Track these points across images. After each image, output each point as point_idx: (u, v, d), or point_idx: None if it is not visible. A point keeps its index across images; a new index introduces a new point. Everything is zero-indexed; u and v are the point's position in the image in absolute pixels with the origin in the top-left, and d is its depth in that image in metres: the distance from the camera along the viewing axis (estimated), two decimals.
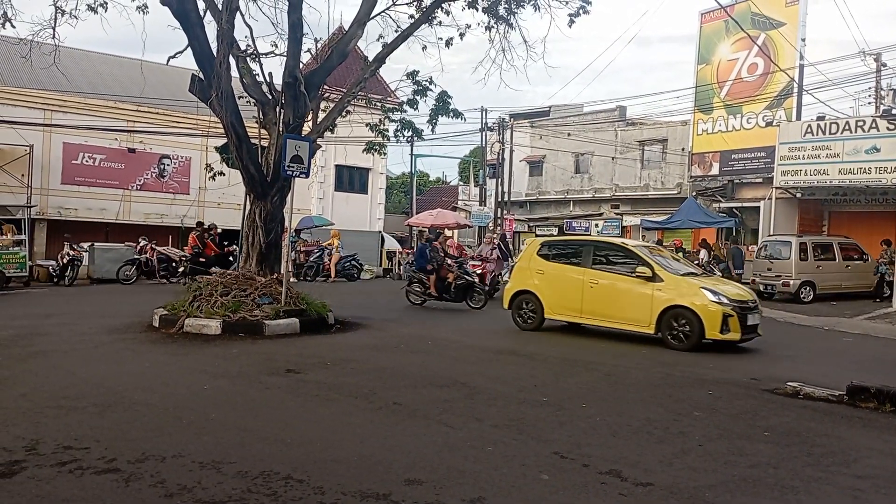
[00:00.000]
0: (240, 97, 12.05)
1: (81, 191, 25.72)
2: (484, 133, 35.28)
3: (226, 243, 21.49)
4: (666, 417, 6.18)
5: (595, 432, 5.67)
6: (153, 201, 27.24)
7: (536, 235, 37.78)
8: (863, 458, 5.16)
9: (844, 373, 8.01)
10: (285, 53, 11.52)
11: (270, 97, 11.76)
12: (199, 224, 21.25)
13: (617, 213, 34.04)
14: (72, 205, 25.74)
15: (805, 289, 18.26)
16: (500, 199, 34.06)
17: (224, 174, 13.16)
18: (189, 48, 10.44)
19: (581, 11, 12.60)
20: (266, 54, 11.97)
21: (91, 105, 25.59)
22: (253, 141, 11.70)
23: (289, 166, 10.71)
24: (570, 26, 12.68)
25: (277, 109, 11.66)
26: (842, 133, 20.90)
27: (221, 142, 13.20)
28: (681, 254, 22.01)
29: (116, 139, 26.28)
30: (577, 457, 4.99)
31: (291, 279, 19.84)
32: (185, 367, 8.06)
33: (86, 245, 21.10)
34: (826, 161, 21.18)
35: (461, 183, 49.48)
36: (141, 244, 20.29)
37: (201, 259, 19.80)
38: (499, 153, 34.56)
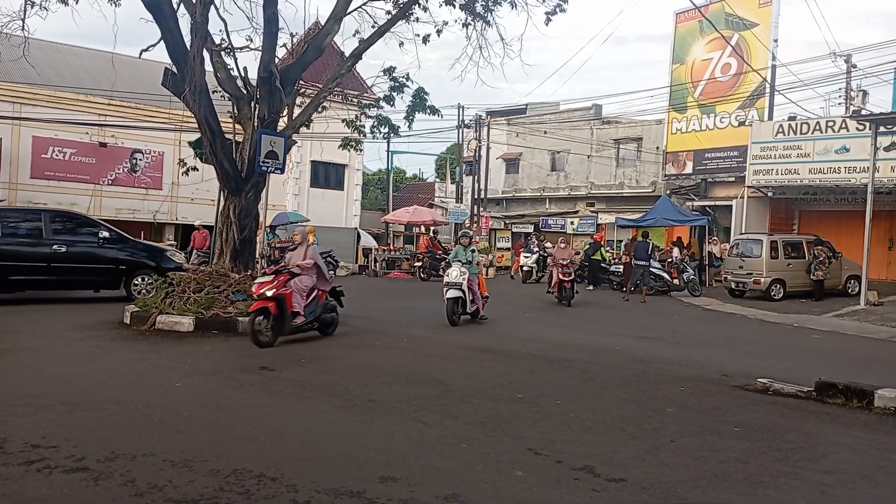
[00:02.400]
0: (214, 91, 11.91)
1: (51, 185, 25.27)
2: (461, 130, 35.29)
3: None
4: (639, 414, 6.24)
5: (569, 429, 5.70)
6: (125, 196, 26.85)
7: (513, 233, 37.99)
8: (830, 453, 5.25)
9: (813, 369, 8.15)
10: (260, 48, 11.42)
11: (245, 92, 11.64)
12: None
13: (592, 211, 34.28)
14: (41, 199, 25.24)
15: (775, 286, 18.54)
16: (476, 197, 34.10)
17: (198, 169, 13.02)
18: (162, 41, 10.29)
19: (558, 10, 12.67)
20: (241, 48, 11.85)
21: (61, 98, 25.15)
22: (227, 136, 11.58)
23: (263, 162, 10.63)
24: (546, 24, 12.77)
25: (252, 104, 11.56)
26: (812, 133, 21.26)
27: (195, 136, 13.06)
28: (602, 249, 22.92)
29: (87, 133, 25.85)
30: (550, 453, 5.02)
31: None
32: (156, 364, 7.97)
33: None
34: (797, 161, 21.53)
35: (438, 180, 49.46)
36: None
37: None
38: (475, 150, 34.59)
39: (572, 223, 34.43)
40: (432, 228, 29.31)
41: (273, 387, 6.95)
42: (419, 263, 24.01)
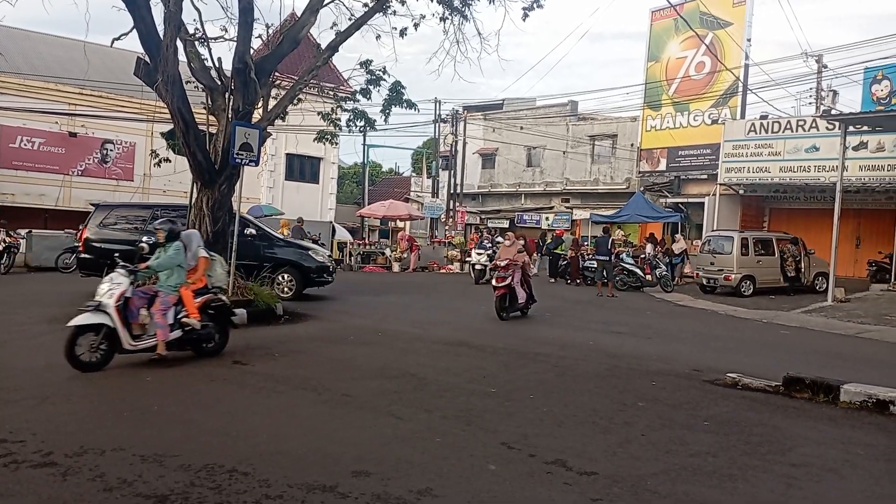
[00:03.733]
0: (187, 82, 11.73)
1: (20, 175, 24.80)
2: (437, 124, 35.25)
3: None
4: (611, 408, 6.31)
5: (542, 423, 5.74)
6: (95, 187, 26.42)
7: (488, 228, 38.07)
8: (797, 446, 5.35)
9: (781, 364, 8.29)
10: (235, 39, 11.27)
11: (219, 83, 11.49)
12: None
13: (567, 207, 34.47)
14: (9, 190, 24.78)
15: (745, 283, 18.81)
16: (452, 192, 34.12)
17: (170, 161, 12.82)
18: (134, 30, 10.11)
19: (535, 5, 12.68)
20: (215, 39, 11.68)
21: (31, 87, 24.66)
22: (201, 127, 11.43)
23: (237, 154, 10.51)
24: (523, 20, 12.77)
25: (227, 96, 11.41)
26: (783, 132, 21.58)
27: (167, 127, 12.86)
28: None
29: (57, 123, 25.40)
30: (523, 447, 5.05)
31: None
32: (126, 358, 7.85)
33: (23, 232, 20.34)
34: (768, 159, 21.85)
35: (414, 174, 49.36)
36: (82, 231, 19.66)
37: None
38: (452, 145, 34.58)
39: (547, 218, 34.60)
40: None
41: (245, 381, 6.90)
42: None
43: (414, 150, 52.73)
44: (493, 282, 12.38)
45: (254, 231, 13.71)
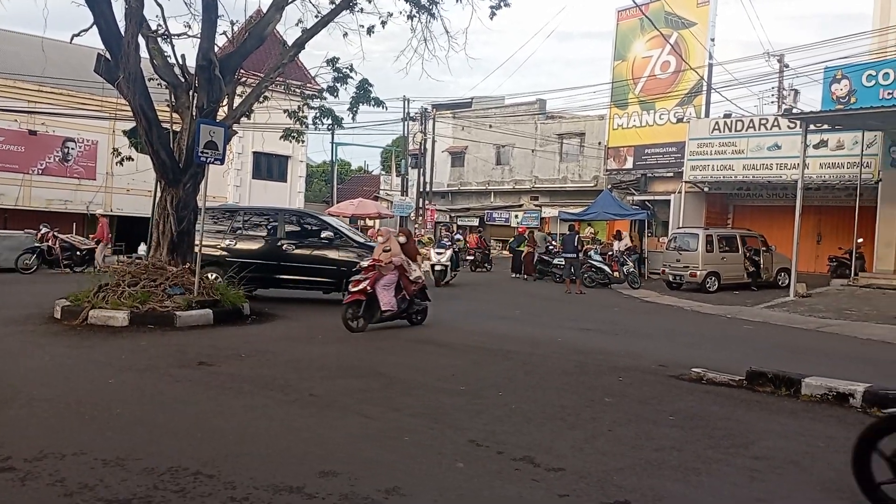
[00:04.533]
0: (150, 79, 11.55)
1: None
2: (406, 123, 35.20)
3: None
4: (578, 404, 6.35)
5: (510, 420, 5.76)
6: (56, 187, 25.86)
7: (458, 226, 38.12)
8: (760, 439, 5.44)
9: (745, 358, 8.42)
10: (199, 35, 11.11)
11: (183, 80, 11.33)
12: None
13: (536, 205, 34.70)
14: None
15: (710, 279, 19.12)
16: (421, 190, 34.09)
17: (133, 159, 12.61)
18: (95, 26, 9.91)
19: (502, 4, 12.72)
20: (179, 35, 11.52)
21: None
22: (165, 125, 11.26)
23: (202, 152, 10.37)
24: (491, 18, 12.81)
25: (191, 93, 11.26)
26: (746, 130, 21.99)
27: (130, 125, 12.65)
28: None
29: (16, 120, 24.77)
30: (492, 444, 5.06)
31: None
32: (88, 360, 7.71)
33: None
34: (732, 157, 22.25)
35: (384, 172, 49.22)
36: (42, 231, 19.24)
37: None
38: (421, 143, 34.56)
39: (517, 216, 34.79)
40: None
41: (211, 382, 6.81)
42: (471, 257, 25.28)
43: (383, 149, 52.65)
44: (353, 285, 10.29)
45: (331, 234, 13.15)
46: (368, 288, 10.04)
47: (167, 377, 6.95)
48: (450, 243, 20.81)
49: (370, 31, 12.92)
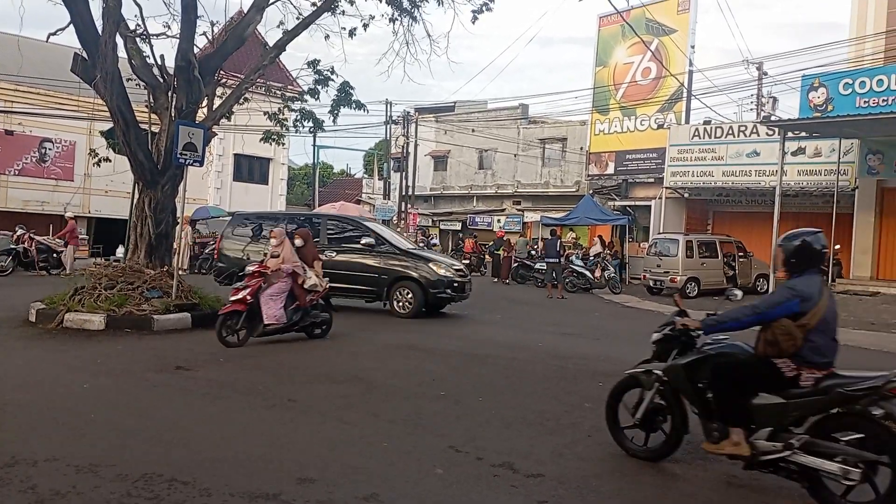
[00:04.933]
0: (129, 80, 11.43)
1: None
2: (388, 126, 35.14)
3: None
4: (558, 409, 6.35)
5: (490, 425, 5.75)
6: (33, 188, 25.53)
7: (441, 230, 38.12)
8: None
9: None
10: (178, 36, 11.01)
11: (162, 81, 11.21)
12: None
13: (518, 209, 34.78)
14: None
15: (690, 284, 19.26)
16: (404, 193, 34.04)
17: (110, 160, 12.45)
18: (71, 25, 9.78)
19: (484, 8, 12.76)
20: (157, 35, 11.41)
21: None
22: (143, 126, 11.14)
23: (181, 154, 10.26)
24: (473, 22, 12.84)
25: (170, 94, 11.15)
26: (726, 137, 22.20)
27: (108, 125, 12.50)
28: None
29: None
30: (471, 450, 5.04)
31: (182, 272, 19.13)
32: (63, 364, 7.59)
33: None
34: (711, 163, 22.44)
35: (366, 176, 49.11)
36: (18, 233, 18.94)
37: None
38: (403, 147, 34.51)
39: (499, 221, 34.85)
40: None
41: (188, 387, 6.73)
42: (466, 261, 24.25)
43: (366, 152, 52.54)
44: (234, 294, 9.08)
45: (372, 240, 12.58)
46: (249, 298, 8.87)
47: (143, 382, 6.86)
48: (425, 248, 19.52)
49: (352, 33, 12.90)
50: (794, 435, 4.20)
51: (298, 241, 9.73)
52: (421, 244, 20.83)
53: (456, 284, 12.69)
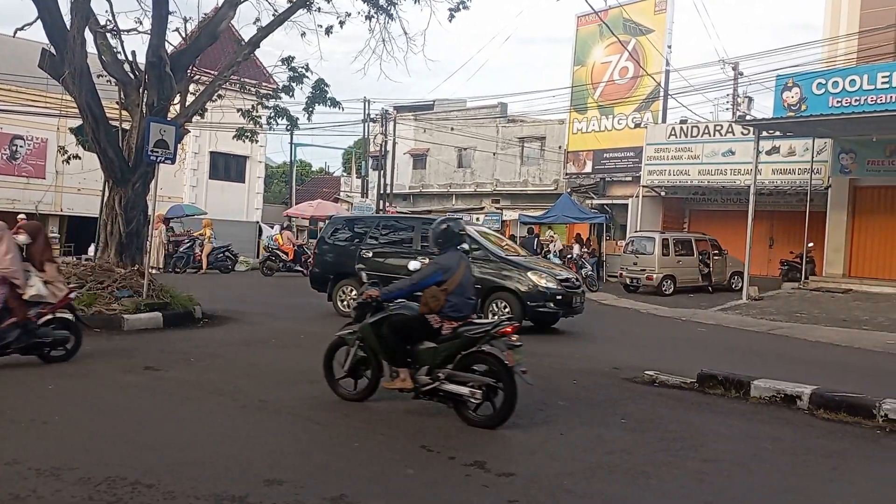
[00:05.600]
0: (99, 76, 11.25)
1: None
2: (367, 124, 34.97)
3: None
4: (531, 407, 6.32)
5: (463, 424, 5.69)
6: (3, 185, 25.08)
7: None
8: (709, 442, 5.48)
9: (697, 361, 8.51)
10: (149, 31, 10.83)
11: (133, 77, 11.04)
12: None
13: (497, 208, 34.79)
14: None
15: (666, 282, 19.39)
16: (382, 192, 33.90)
17: (80, 157, 12.23)
18: (39, 20, 9.59)
19: (461, 6, 12.71)
20: (128, 31, 11.23)
21: None
22: (114, 123, 10.95)
23: (152, 151, 10.10)
24: (450, 21, 12.80)
25: (141, 90, 10.97)
26: (702, 136, 22.37)
27: (78, 122, 12.28)
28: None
29: None
30: (443, 450, 5.00)
31: (155, 271, 18.87)
32: (28, 365, 7.41)
33: None
34: (687, 162, 22.59)
35: (345, 174, 48.87)
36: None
37: None
38: (381, 145, 34.37)
39: (478, 219, 34.85)
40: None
41: (157, 388, 6.62)
42: None
43: (345, 150, 52.31)
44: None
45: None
46: None
47: (111, 383, 6.74)
48: None
49: (328, 31, 12.79)
50: (443, 370, 5.63)
51: (23, 238, 7.42)
52: None
53: (560, 297, 10.96)
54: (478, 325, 5.72)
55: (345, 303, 11.93)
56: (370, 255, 11.92)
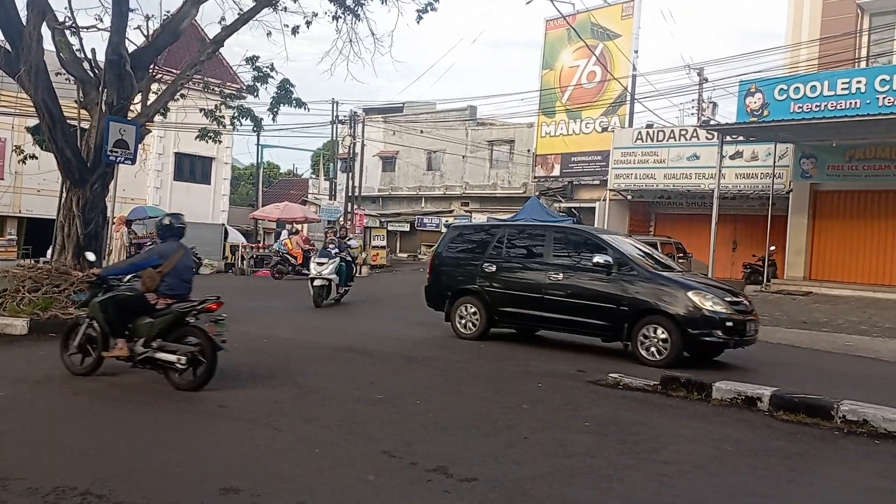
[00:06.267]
0: (58, 73, 10.97)
1: None
2: (335, 126, 34.76)
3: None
4: (496, 411, 6.30)
5: (425, 429, 5.65)
6: None
7: (388, 231, 37.85)
8: (671, 444, 5.50)
9: None
10: (110, 29, 10.60)
11: (92, 75, 10.78)
12: None
13: (467, 211, 34.85)
14: None
15: None
16: (350, 194, 33.70)
17: (37, 157, 11.90)
18: None
19: (429, 8, 12.66)
20: (87, 28, 10.96)
21: None
22: (72, 122, 10.68)
23: (112, 151, 9.87)
24: (418, 22, 12.74)
25: (100, 89, 10.72)
26: (667, 141, 22.67)
27: (35, 121, 11.97)
28: None
29: None
30: (405, 455, 4.93)
31: None
32: None
33: None
34: (653, 166, 22.87)
35: (313, 176, 48.52)
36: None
37: None
38: (349, 147, 34.18)
39: (447, 222, 34.85)
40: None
41: (112, 394, 6.44)
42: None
43: (314, 152, 51.93)
44: None
45: (609, 258, 9.42)
46: None
47: (64, 389, 6.55)
48: (337, 251, 15.16)
49: (295, 30, 12.65)
50: (156, 341, 6.55)
51: None
52: (332, 247, 15.30)
53: (731, 324, 8.81)
54: (189, 302, 6.76)
55: (466, 323, 10.55)
56: (493, 268, 10.39)
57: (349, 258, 16.05)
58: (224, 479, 4.31)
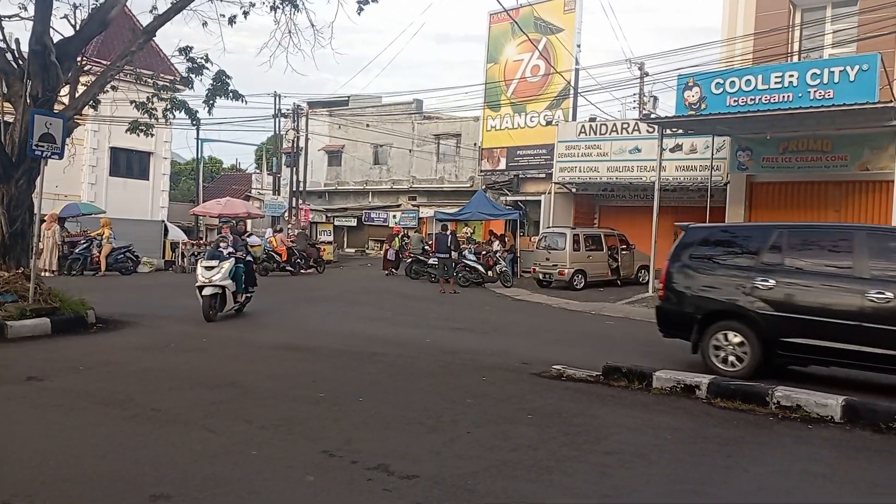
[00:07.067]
0: None
1: None
2: (277, 119, 34.16)
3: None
4: (440, 406, 6.25)
5: (368, 427, 5.56)
6: None
7: (335, 226, 37.42)
8: (612, 434, 5.54)
9: (604, 354, 8.68)
10: (33, 18, 10.10)
11: (16, 66, 10.27)
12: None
13: (414, 205, 34.72)
14: None
15: (577, 277, 19.79)
16: (295, 189, 33.18)
17: None
18: None
19: None
20: (10, 17, 10.43)
21: None
22: None
23: (37, 145, 9.42)
24: (359, 13, 12.51)
25: (24, 80, 10.22)
26: (610, 134, 22.95)
27: None
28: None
29: None
30: (346, 454, 4.83)
31: (48, 273, 17.77)
32: None
33: None
34: (597, 159, 23.13)
35: (256, 171, 47.61)
36: None
37: None
38: (293, 141, 33.63)
39: (395, 217, 34.65)
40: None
41: (39, 399, 6.15)
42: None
43: (258, 146, 50.97)
44: None
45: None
46: None
47: None
48: (231, 250, 12.00)
49: (231, 20, 12.30)
50: None
51: None
52: (224, 246, 12.04)
53: None
54: None
55: (726, 357, 7.99)
56: (771, 283, 7.76)
57: (249, 258, 13.10)
58: (155, 486, 4.14)
